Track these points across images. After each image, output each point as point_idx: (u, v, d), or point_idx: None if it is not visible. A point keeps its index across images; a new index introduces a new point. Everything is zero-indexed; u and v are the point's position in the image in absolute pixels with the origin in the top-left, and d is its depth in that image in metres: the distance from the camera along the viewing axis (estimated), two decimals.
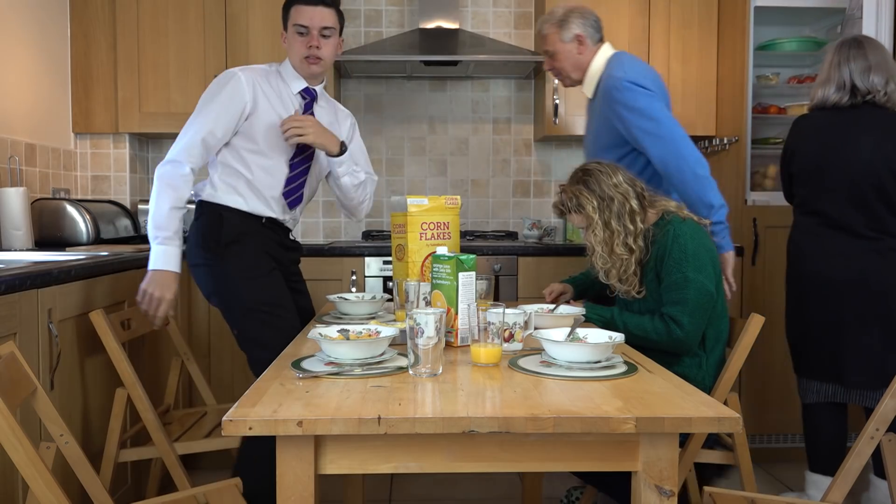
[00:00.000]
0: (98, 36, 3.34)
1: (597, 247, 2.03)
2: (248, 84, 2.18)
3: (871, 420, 1.60)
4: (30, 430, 1.64)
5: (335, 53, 2.26)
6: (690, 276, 1.94)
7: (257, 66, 2.30)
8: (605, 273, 2.06)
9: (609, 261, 2.03)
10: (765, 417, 3.16)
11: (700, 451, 2.03)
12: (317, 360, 1.50)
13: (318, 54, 2.19)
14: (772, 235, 3.12)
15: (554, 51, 2.49)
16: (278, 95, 2.24)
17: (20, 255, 2.57)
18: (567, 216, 2.11)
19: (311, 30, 2.17)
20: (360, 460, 1.20)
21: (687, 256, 1.95)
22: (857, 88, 2.38)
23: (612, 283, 2.07)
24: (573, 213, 2.08)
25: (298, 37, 2.19)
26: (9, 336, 1.72)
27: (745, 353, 2.00)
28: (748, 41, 3.13)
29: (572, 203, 2.06)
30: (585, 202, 2.02)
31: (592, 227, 2.03)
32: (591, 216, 2.02)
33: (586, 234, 2.08)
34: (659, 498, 1.21)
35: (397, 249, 2.00)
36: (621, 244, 2.00)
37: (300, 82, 2.27)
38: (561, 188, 2.11)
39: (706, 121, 3.44)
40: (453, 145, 3.80)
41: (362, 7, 3.72)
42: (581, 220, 2.07)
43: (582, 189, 2.03)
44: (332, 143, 2.18)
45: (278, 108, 2.23)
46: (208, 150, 2.17)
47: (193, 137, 2.12)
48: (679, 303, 1.94)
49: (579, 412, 1.17)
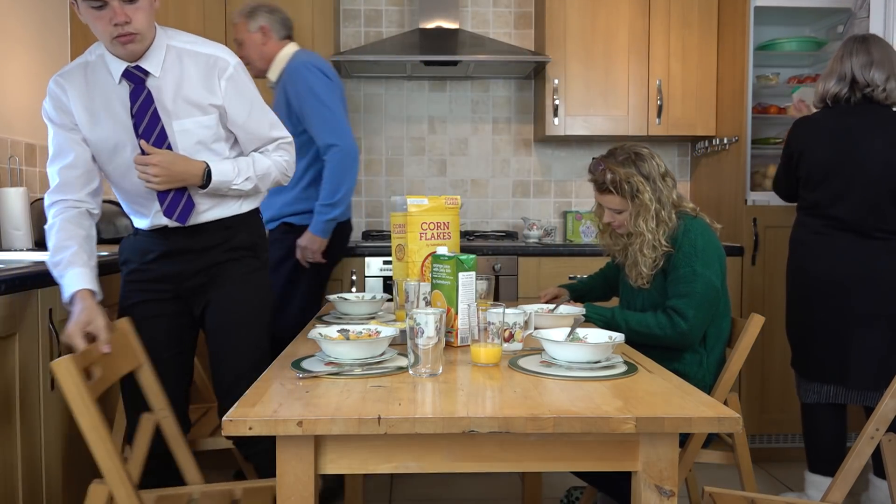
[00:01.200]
0: None
1: (648, 234, 2.00)
2: (55, 97, 1.82)
3: (871, 420, 1.60)
4: None
5: (151, 14, 1.80)
6: (699, 270, 1.95)
7: (75, 61, 1.87)
8: (642, 262, 2.03)
9: (655, 251, 2.01)
10: (765, 417, 3.16)
11: (700, 451, 2.03)
12: (317, 360, 1.50)
13: (128, 29, 1.72)
14: (772, 235, 3.12)
15: (241, 40, 2.80)
16: (104, 95, 1.82)
17: (20, 255, 2.57)
18: (602, 193, 2.08)
19: (109, 1, 1.68)
20: (360, 460, 1.20)
21: (696, 251, 1.96)
22: (856, 82, 2.39)
23: (643, 271, 2.04)
24: (616, 194, 2.04)
25: (95, 13, 1.70)
26: (9, 336, 1.72)
27: (745, 353, 1.99)
28: (748, 41, 3.13)
29: (625, 187, 2.02)
30: (643, 189, 2.01)
31: (643, 214, 2.01)
32: (647, 205, 2.01)
33: (633, 219, 2.04)
34: (659, 498, 1.21)
35: (397, 249, 2.00)
36: (663, 235, 2.01)
37: (120, 64, 1.80)
38: (604, 165, 2.06)
39: (706, 121, 3.44)
40: (453, 145, 3.80)
41: (362, 7, 3.72)
42: (621, 203, 2.05)
43: (635, 174, 2.02)
44: (191, 177, 1.82)
45: (105, 118, 1.82)
46: (85, 180, 1.86)
47: (54, 176, 1.85)
48: (686, 295, 1.95)
49: (579, 412, 1.17)
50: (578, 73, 3.41)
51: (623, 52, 3.41)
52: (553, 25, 3.40)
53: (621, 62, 3.42)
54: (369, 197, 3.78)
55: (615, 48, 3.40)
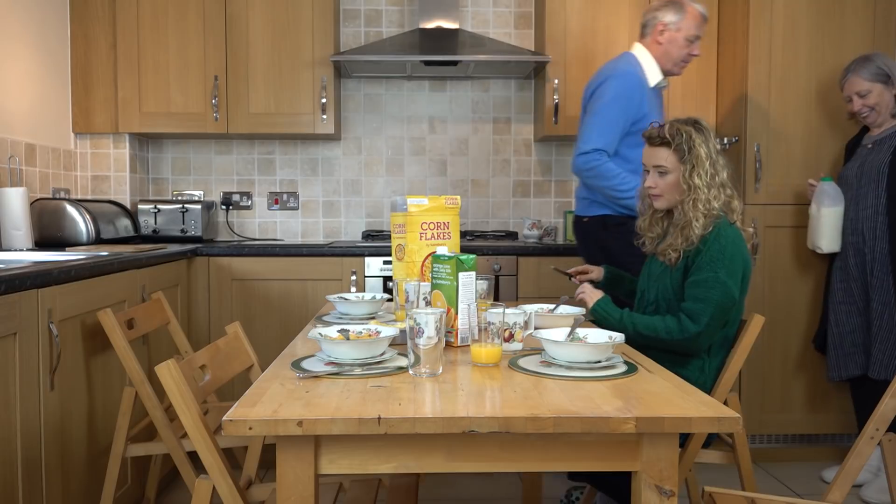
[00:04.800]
0: (98, 36, 3.34)
1: (702, 191, 1.96)
2: None
3: (871, 420, 1.60)
4: None
5: None
6: (721, 277, 1.91)
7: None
8: (690, 225, 1.97)
9: (705, 217, 1.96)
10: (765, 417, 3.16)
11: (700, 451, 2.03)
12: (317, 360, 1.50)
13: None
14: (772, 235, 3.12)
15: None
16: None
17: (20, 255, 2.57)
18: (653, 147, 2.05)
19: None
20: (360, 460, 1.20)
21: (724, 257, 1.92)
22: None
23: (678, 244, 1.99)
24: (670, 147, 2.01)
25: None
26: (9, 336, 1.72)
27: (745, 353, 1.99)
28: (748, 42, 3.13)
29: (680, 138, 2.00)
30: (699, 143, 1.99)
31: (698, 168, 1.98)
32: (703, 160, 1.98)
33: (687, 174, 1.99)
34: (659, 498, 1.21)
35: (397, 249, 2.00)
36: (712, 200, 1.97)
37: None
38: (667, 123, 2.05)
39: (706, 121, 3.44)
40: (453, 145, 3.80)
41: (362, 7, 3.72)
42: (670, 158, 2.01)
43: (694, 133, 2.01)
44: None
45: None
46: None
47: None
48: (702, 301, 1.91)
49: (579, 412, 1.17)
50: (578, 73, 3.40)
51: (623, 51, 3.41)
52: (553, 25, 3.40)
53: None
54: (369, 197, 3.78)
55: (615, 48, 3.40)
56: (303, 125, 3.38)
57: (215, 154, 3.74)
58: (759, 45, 3.11)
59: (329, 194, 3.78)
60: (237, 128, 3.37)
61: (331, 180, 3.77)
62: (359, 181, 3.78)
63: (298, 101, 3.37)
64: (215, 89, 3.33)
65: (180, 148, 3.73)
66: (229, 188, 3.75)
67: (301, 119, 3.38)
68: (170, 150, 3.73)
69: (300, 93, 3.37)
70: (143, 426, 2.29)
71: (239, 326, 1.91)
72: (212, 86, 3.34)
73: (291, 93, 3.37)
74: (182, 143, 3.73)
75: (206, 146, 3.73)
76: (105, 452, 2.21)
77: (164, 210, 3.38)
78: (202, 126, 3.37)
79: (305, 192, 3.76)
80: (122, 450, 2.14)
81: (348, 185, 3.77)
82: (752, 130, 3.13)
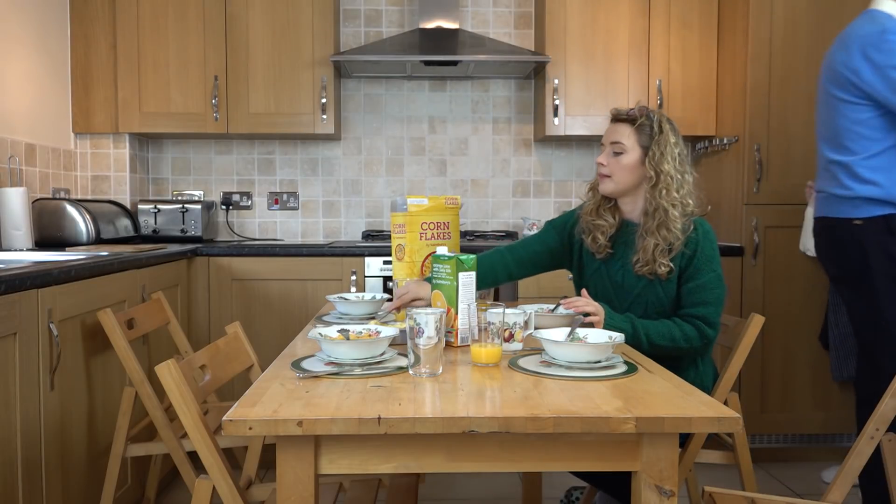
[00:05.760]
0: (98, 36, 3.34)
1: (674, 175, 1.87)
2: None
3: (871, 420, 1.60)
4: None
5: None
6: (719, 273, 1.91)
7: None
8: (668, 225, 1.87)
9: (678, 199, 1.89)
10: (765, 417, 3.16)
11: (700, 451, 2.03)
12: (317, 360, 1.50)
13: None
14: (772, 235, 3.12)
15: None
16: None
17: (20, 255, 2.57)
18: (615, 123, 1.95)
19: None
20: (360, 460, 1.20)
21: (715, 253, 1.92)
22: None
23: (655, 236, 1.87)
24: (633, 124, 1.91)
25: None
26: (9, 336, 1.72)
27: (745, 353, 1.99)
28: (748, 41, 3.13)
29: (646, 120, 1.90)
30: (670, 132, 1.91)
31: (668, 154, 1.88)
32: (671, 147, 1.88)
33: (655, 161, 1.88)
34: (659, 498, 1.21)
35: (397, 249, 2.00)
36: (681, 195, 1.90)
37: None
38: (639, 105, 1.96)
39: (706, 121, 3.45)
40: (453, 145, 3.80)
41: (362, 7, 3.72)
42: (631, 136, 1.91)
43: (665, 121, 1.92)
44: None
45: None
46: None
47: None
48: (712, 303, 1.89)
49: (579, 412, 1.17)
50: (578, 73, 3.41)
51: (623, 52, 3.42)
52: (553, 25, 3.40)
53: (621, 62, 3.42)
54: (369, 197, 3.78)
55: (615, 48, 3.41)
56: (303, 125, 3.38)
57: (215, 154, 3.74)
58: (759, 44, 3.11)
59: (329, 194, 3.78)
60: (237, 128, 3.37)
61: (331, 180, 3.77)
62: (359, 181, 3.78)
63: (298, 101, 3.37)
64: (215, 89, 3.33)
65: (180, 148, 3.73)
66: (229, 188, 3.75)
67: (301, 119, 3.38)
68: (170, 150, 3.73)
69: (300, 93, 3.37)
70: (143, 426, 2.29)
71: (239, 326, 1.91)
72: (212, 86, 3.34)
73: (291, 93, 3.37)
74: (182, 143, 3.73)
75: (206, 146, 3.73)
76: (105, 452, 2.22)
77: (164, 210, 3.38)
78: (202, 126, 3.37)
79: (305, 192, 3.76)
80: (122, 450, 2.15)
81: (348, 185, 3.77)
82: (752, 130, 3.14)
